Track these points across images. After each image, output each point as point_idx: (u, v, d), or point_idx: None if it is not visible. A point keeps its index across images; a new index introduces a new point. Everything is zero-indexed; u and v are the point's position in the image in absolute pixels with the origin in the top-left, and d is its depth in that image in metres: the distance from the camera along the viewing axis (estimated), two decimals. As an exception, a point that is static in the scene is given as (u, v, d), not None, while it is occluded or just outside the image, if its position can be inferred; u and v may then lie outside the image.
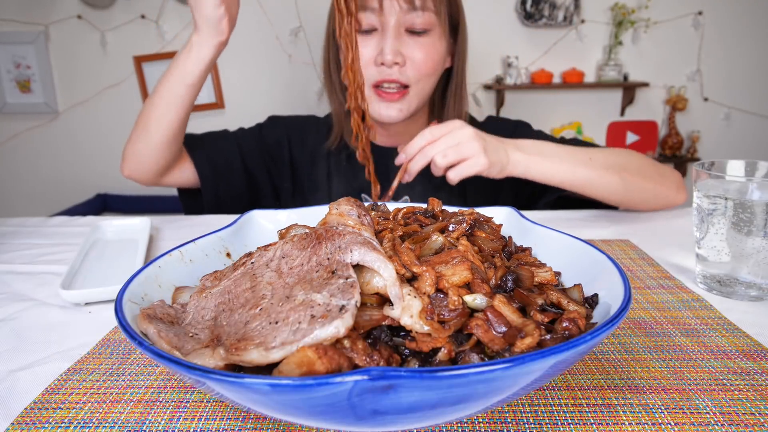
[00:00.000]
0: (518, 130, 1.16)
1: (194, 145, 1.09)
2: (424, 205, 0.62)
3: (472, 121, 1.19)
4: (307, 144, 1.18)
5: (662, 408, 0.43)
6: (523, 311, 0.42)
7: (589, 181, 0.91)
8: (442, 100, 1.14)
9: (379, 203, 0.64)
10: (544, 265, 0.50)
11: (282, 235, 0.53)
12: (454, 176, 0.87)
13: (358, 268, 0.41)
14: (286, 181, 1.18)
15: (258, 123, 1.21)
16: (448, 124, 0.89)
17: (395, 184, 0.90)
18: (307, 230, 0.49)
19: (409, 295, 0.38)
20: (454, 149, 0.86)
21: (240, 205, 1.12)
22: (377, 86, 1.01)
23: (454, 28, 1.06)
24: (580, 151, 0.93)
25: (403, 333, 0.39)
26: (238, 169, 1.12)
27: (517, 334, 0.38)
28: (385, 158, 1.12)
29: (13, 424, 0.43)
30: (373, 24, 0.98)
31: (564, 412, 0.43)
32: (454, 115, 1.11)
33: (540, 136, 1.11)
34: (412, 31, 0.98)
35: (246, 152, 1.13)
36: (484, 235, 0.52)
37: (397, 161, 0.91)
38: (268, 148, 1.16)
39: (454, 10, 1.04)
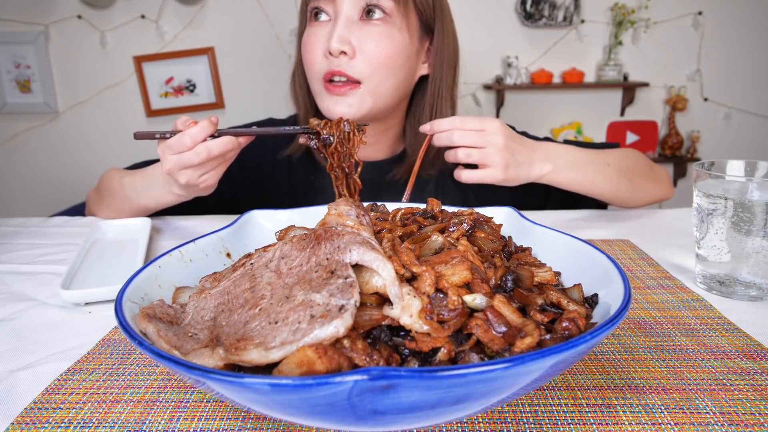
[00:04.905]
0: None
1: None
2: (423, 206, 0.62)
3: None
4: (282, 166, 1.11)
5: (662, 408, 0.43)
6: (523, 311, 0.42)
7: (607, 188, 0.93)
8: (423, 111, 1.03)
9: (379, 203, 0.64)
10: (543, 265, 0.50)
11: (280, 236, 0.53)
12: (466, 178, 0.85)
13: (357, 267, 0.41)
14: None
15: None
16: (484, 120, 0.84)
17: (416, 166, 0.87)
18: (305, 231, 0.49)
19: (408, 294, 0.38)
20: (480, 152, 0.83)
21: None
22: (328, 81, 0.92)
23: (429, 29, 0.98)
24: (599, 156, 0.93)
25: (402, 333, 0.39)
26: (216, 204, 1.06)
27: (517, 334, 0.38)
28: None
29: (13, 424, 0.43)
30: (327, 12, 0.91)
31: (564, 412, 0.43)
32: None
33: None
34: (367, 19, 0.90)
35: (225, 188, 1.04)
36: (484, 235, 0.52)
37: (422, 128, 0.87)
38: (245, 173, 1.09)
39: (426, 6, 0.95)
